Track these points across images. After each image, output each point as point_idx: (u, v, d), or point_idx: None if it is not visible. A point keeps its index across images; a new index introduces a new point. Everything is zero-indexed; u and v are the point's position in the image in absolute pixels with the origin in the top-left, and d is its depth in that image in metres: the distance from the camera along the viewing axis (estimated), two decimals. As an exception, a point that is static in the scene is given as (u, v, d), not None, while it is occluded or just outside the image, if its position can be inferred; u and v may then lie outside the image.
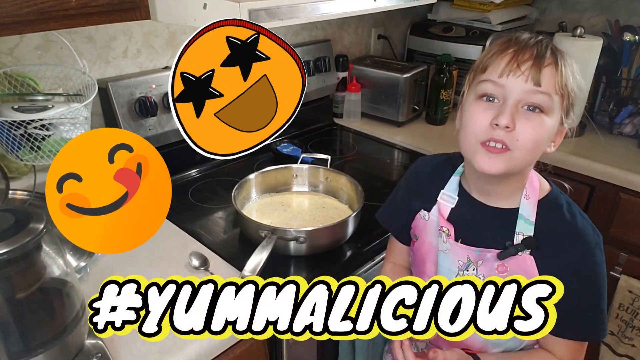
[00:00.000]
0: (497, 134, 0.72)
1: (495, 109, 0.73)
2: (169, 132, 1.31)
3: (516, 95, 0.72)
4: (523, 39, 0.74)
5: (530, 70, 0.70)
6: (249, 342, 0.92)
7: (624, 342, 1.52)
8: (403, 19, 2.08)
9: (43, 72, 1.06)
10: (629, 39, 1.71)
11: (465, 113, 0.78)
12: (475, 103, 0.76)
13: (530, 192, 0.80)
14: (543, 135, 0.73)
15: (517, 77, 0.71)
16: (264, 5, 0.86)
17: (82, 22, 0.86)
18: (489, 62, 0.74)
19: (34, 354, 0.67)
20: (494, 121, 0.72)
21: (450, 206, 0.86)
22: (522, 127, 0.72)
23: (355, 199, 1.19)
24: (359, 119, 1.84)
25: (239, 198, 1.16)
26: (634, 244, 1.48)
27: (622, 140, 1.65)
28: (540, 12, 2.11)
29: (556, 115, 0.74)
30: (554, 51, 0.73)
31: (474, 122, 0.75)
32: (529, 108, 0.72)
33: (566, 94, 0.73)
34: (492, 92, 0.74)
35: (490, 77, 0.74)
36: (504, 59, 0.73)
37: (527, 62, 0.71)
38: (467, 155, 0.79)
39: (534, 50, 0.72)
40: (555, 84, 0.71)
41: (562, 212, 0.80)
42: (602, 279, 0.78)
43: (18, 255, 0.64)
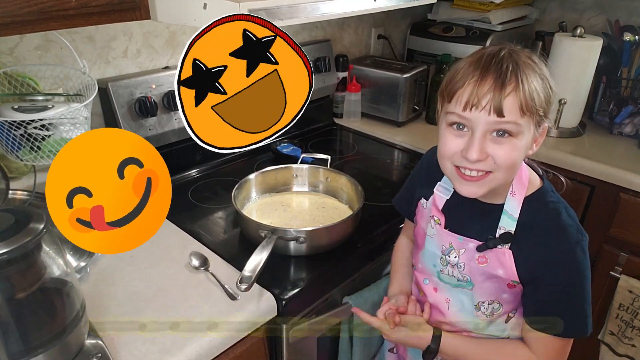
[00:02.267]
0: (472, 165, 0.75)
1: (466, 137, 0.76)
2: (169, 132, 1.31)
3: (482, 126, 0.73)
4: (484, 63, 0.73)
5: (491, 103, 0.71)
6: (249, 341, 0.92)
7: (624, 342, 1.52)
8: (403, 19, 2.08)
9: (43, 72, 1.06)
10: (629, 39, 1.71)
11: (440, 137, 0.80)
12: (446, 130, 0.78)
13: (517, 188, 0.82)
14: (517, 155, 0.75)
15: (479, 111, 0.72)
16: (264, 5, 0.86)
17: (82, 22, 0.86)
18: (453, 89, 0.75)
19: (34, 354, 0.67)
20: (464, 154, 0.75)
21: (445, 197, 0.90)
22: (495, 152, 0.74)
23: (355, 199, 1.19)
24: (359, 119, 1.84)
25: (239, 198, 1.16)
26: (634, 244, 1.48)
27: (622, 140, 1.65)
28: (540, 12, 2.11)
29: (527, 133, 0.75)
30: (515, 71, 0.72)
31: (446, 148, 0.78)
32: (498, 134, 0.74)
33: (534, 111, 0.73)
34: (460, 121, 0.76)
35: (455, 110, 0.75)
36: (466, 89, 0.73)
37: (487, 94, 0.71)
38: (448, 176, 0.82)
39: (494, 77, 0.71)
40: (520, 109, 0.72)
41: (546, 209, 0.81)
42: (581, 277, 0.79)
43: (18, 255, 0.64)
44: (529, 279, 0.81)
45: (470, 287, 0.86)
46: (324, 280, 1.02)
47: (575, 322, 0.80)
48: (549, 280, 0.79)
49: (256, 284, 0.91)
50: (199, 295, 0.92)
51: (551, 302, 0.80)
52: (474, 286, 0.85)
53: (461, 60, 0.77)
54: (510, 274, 0.81)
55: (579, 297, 0.80)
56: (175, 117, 1.31)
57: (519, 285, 0.82)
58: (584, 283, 0.79)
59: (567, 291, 0.80)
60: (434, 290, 0.92)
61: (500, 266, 0.82)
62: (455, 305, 0.89)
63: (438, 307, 0.92)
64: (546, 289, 0.80)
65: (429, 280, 0.93)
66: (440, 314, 0.91)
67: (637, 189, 1.42)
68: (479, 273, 0.84)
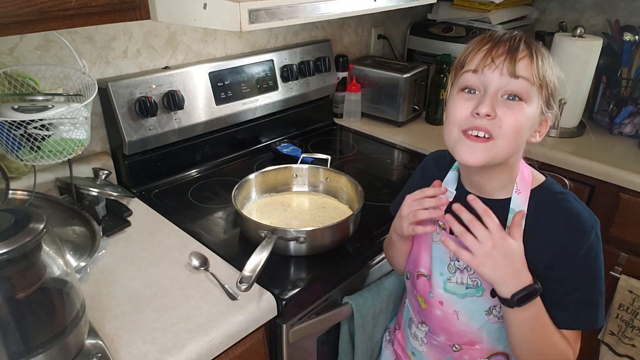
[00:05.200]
0: (480, 122, 0.75)
1: (476, 99, 0.76)
2: (168, 132, 1.31)
3: (495, 84, 0.74)
4: (497, 35, 0.77)
5: (505, 63, 0.73)
6: (249, 341, 0.92)
7: (624, 342, 1.52)
8: (403, 19, 2.08)
9: (43, 72, 1.06)
10: (629, 39, 1.71)
11: (448, 106, 0.81)
12: (457, 95, 0.79)
13: (521, 186, 0.81)
14: (524, 122, 0.75)
15: (492, 70, 0.74)
16: (264, 5, 0.86)
17: (82, 22, 0.86)
18: (466, 58, 0.77)
19: (34, 354, 0.67)
20: (475, 110, 0.75)
21: (448, 200, 0.87)
22: (504, 114, 0.74)
23: (355, 199, 1.19)
24: (359, 119, 1.84)
25: (239, 198, 1.16)
26: (634, 244, 1.48)
27: (622, 140, 1.65)
28: (540, 12, 2.11)
29: (535, 103, 0.76)
30: (529, 44, 0.75)
31: (455, 112, 0.78)
32: (509, 97, 0.74)
33: (544, 84, 0.75)
34: (473, 84, 0.76)
35: (468, 67, 0.77)
36: (478, 54, 0.76)
37: (501, 56, 0.74)
38: (450, 146, 0.81)
39: (507, 45, 0.74)
40: (532, 75, 0.73)
41: (555, 198, 0.81)
42: (597, 265, 0.78)
43: (18, 255, 0.64)
44: (542, 272, 0.78)
45: (480, 292, 0.83)
46: (324, 280, 1.02)
47: (594, 312, 0.78)
48: (564, 271, 0.77)
49: (256, 284, 0.91)
50: (199, 295, 0.92)
51: (570, 293, 0.78)
52: (485, 290, 0.83)
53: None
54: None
55: (593, 287, 0.78)
56: (175, 117, 1.31)
57: None
58: (600, 270, 0.78)
59: (586, 280, 0.78)
60: (440, 303, 0.88)
61: None
62: (465, 315, 0.86)
63: (447, 319, 0.88)
64: (561, 280, 0.78)
65: (433, 293, 0.89)
66: (449, 324, 0.88)
67: (637, 189, 1.42)
68: None
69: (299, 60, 1.60)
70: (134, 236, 1.10)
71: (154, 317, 0.86)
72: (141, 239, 1.09)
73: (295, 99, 1.62)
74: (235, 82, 1.44)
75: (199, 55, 1.44)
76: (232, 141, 1.50)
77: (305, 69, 1.61)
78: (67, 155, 0.94)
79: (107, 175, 1.21)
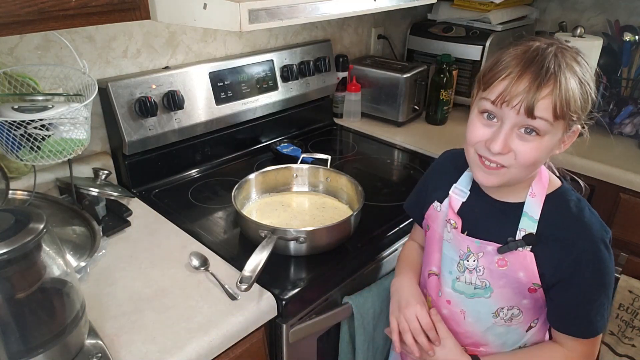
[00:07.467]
0: (492, 157, 0.75)
1: (494, 128, 0.75)
2: (168, 132, 1.31)
3: (511, 121, 0.73)
4: (527, 58, 0.71)
5: (523, 103, 0.70)
6: (249, 341, 0.92)
7: (624, 342, 1.52)
8: (403, 19, 2.08)
9: (43, 72, 1.06)
10: (629, 39, 1.71)
11: (469, 123, 0.80)
12: (477, 117, 0.78)
13: (536, 189, 0.81)
14: (540, 155, 0.74)
15: (509, 108, 0.72)
16: (264, 5, 0.86)
17: (82, 22, 0.86)
18: (490, 80, 0.74)
19: (34, 354, 0.67)
20: (487, 144, 0.75)
21: (461, 200, 0.88)
22: (518, 148, 0.73)
23: (355, 199, 1.19)
24: (359, 119, 1.84)
25: (239, 198, 1.16)
26: (634, 244, 1.48)
27: (622, 140, 1.65)
28: (540, 12, 2.11)
29: (555, 136, 0.74)
30: (556, 73, 0.70)
31: (471, 135, 0.78)
32: (526, 131, 0.73)
33: (567, 116, 0.72)
34: (491, 111, 0.75)
35: (488, 99, 0.74)
36: (501, 83, 0.72)
37: (521, 94, 0.70)
38: (469, 163, 0.82)
39: (532, 76, 0.70)
40: (553, 113, 0.70)
41: (569, 206, 0.80)
42: (607, 276, 0.78)
43: (18, 255, 0.64)
44: (552, 280, 0.79)
45: (488, 294, 0.84)
46: (324, 280, 1.02)
47: (596, 319, 0.79)
48: (574, 280, 0.78)
49: (256, 284, 0.91)
50: (199, 295, 0.92)
51: (576, 303, 0.79)
52: (493, 292, 0.83)
53: (507, 48, 0.75)
54: (532, 276, 0.79)
55: (603, 296, 0.78)
56: (175, 117, 1.31)
57: (540, 289, 0.80)
58: (610, 281, 0.78)
59: (595, 290, 0.78)
60: (447, 302, 0.89)
61: (521, 269, 0.80)
62: (472, 316, 0.87)
63: (453, 319, 0.89)
64: (571, 290, 0.78)
65: (442, 292, 0.90)
66: (455, 324, 0.89)
67: (637, 189, 1.42)
68: (499, 277, 0.82)
69: (299, 60, 1.60)
70: (134, 236, 1.10)
71: (154, 317, 0.86)
72: (141, 239, 1.09)
73: (295, 99, 1.62)
74: (235, 82, 1.44)
75: (199, 55, 1.44)
76: (232, 141, 1.50)
77: (305, 69, 1.61)
78: (67, 155, 0.94)
79: (107, 175, 1.21)
